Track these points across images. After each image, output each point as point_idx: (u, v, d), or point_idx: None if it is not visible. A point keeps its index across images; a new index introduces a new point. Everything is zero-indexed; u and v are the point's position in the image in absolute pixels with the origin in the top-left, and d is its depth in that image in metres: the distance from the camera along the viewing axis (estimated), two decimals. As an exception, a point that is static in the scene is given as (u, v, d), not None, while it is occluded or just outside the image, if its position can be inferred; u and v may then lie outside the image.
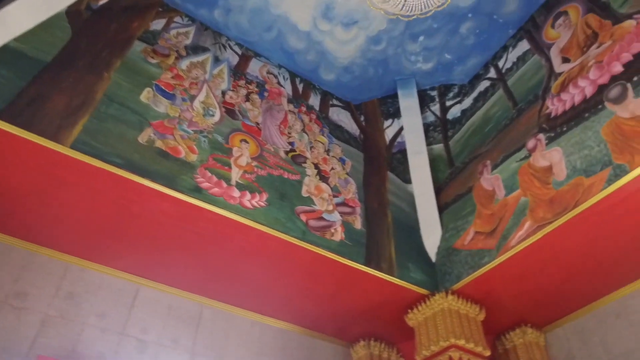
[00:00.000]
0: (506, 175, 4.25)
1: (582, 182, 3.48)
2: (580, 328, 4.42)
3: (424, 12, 4.29)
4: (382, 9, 4.20)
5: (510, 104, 4.67)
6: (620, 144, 3.33)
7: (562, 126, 3.89)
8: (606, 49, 3.82)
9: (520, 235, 3.80)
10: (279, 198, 3.99)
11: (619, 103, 3.48)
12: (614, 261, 3.89)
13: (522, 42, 4.87)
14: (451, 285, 4.27)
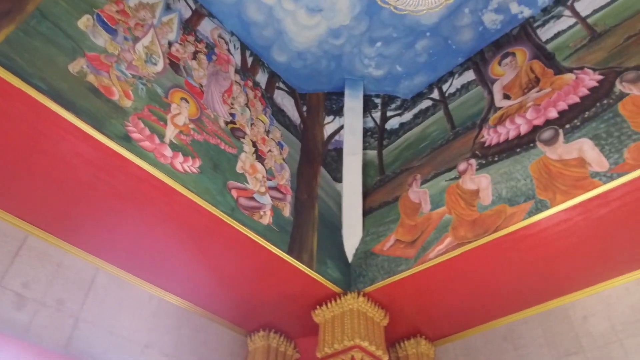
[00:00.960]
0: (434, 191, 4.42)
1: (505, 210, 3.72)
2: (469, 346, 4.73)
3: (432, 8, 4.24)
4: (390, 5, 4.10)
5: (448, 126, 4.89)
6: (545, 181, 3.62)
7: (494, 156, 4.15)
8: (545, 95, 4.16)
9: (440, 249, 3.96)
10: (213, 168, 3.73)
11: (550, 145, 3.79)
12: (512, 288, 4.22)
13: (468, 72, 5.13)
14: (364, 287, 4.33)
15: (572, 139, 3.68)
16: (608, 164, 3.34)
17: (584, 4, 4.45)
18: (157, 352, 4.11)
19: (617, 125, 3.47)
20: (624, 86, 3.64)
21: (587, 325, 4.12)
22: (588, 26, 4.29)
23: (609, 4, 4.23)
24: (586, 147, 3.55)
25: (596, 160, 3.42)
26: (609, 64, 3.87)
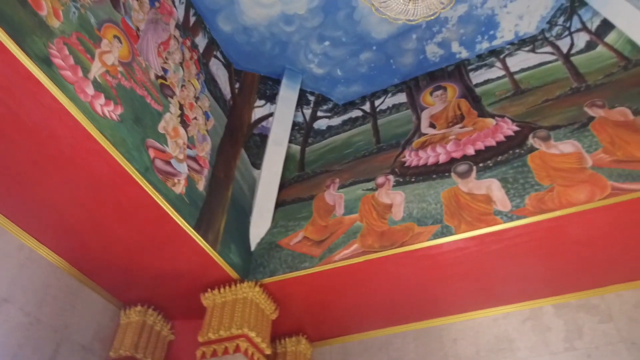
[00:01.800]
0: (350, 197, 4.52)
1: (413, 228, 3.93)
2: (346, 351, 4.88)
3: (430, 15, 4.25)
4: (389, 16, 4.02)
5: (374, 139, 5.06)
6: (453, 209, 3.90)
7: (412, 177, 4.37)
8: (466, 132, 4.50)
9: (346, 253, 4.04)
10: (134, 120, 3.39)
11: (463, 178, 4.10)
12: (398, 301, 4.46)
13: (401, 94, 5.37)
14: (262, 277, 4.25)
15: (483, 177, 4.02)
16: (510, 205, 3.70)
17: (514, 60, 4.93)
18: (16, 309, 3.60)
19: (524, 174, 3.87)
20: (535, 141, 4.08)
21: (457, 347, 4.50)
22: (514, 81, 4.76)
23: (536, 67, 4.74)
24: (494, 186, 3.91)
25: (501, 200, 3.78)
26: (526, 119, 4.31)
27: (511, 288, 4.28)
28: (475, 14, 4.88)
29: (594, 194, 3.50)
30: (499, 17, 4.90)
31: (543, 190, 3.69)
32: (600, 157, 3.71)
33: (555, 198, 3.61)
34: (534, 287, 4.28)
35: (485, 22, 4.94)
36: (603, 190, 3.49)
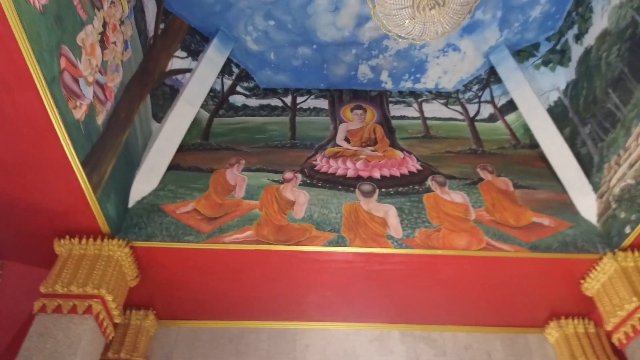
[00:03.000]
0: (253, 183, 4.36)
1: (311, 230, 3.96)
2: (194, 336, 4.62)
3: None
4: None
5: (289, 134, 5.01)
6: (352, 223, 4.04)
7: (319, 181, 4.42)
8: (377, 157, 4.74)
9: (238, 237, 3.88)
10: (56, 18, 2.79)
11: (365, 197, 4.28)
12: (264, 298, 4.40)
13: (324, 100, 5.43)
14: (136, 239, 3.82)
15: (383, 201, 4.26)
16: (402, 234, 3.98)
17: (429, 107, 5.38)
18: None
19: (418, 209, 4.21)
20: (432, 184, 4.47)
21: (307, 352, 4.60)
22: (426, 125, 5.19)
23: (446, 120, 5.25)
24: (391, 213, 4.16)
25: (395, 227, 4.03)
26: (429, 162, 4.72)
27: (371, 308, 4.57)
28: (412, 54, 5.21)
29: (472, 243, 3.97)
30: (429, 64, 5.31)
31: (432, 229, 4.06)
32: (482, 214, 4.23)
33: (441, 238, 3.99)
34: (390, 312, 4.64)
35: (417, 64, 5.31)
36: (479, 243, 3.97)
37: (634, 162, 3.76)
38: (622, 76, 4.00)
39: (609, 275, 3.89)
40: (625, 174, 3.86)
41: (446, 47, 5.15)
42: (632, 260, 3.79)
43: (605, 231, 4.05)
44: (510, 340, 4.87)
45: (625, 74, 3.95)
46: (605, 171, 4.11)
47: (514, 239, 4.03)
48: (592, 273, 4.03)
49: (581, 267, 4.07)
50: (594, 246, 3.99)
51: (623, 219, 3.84)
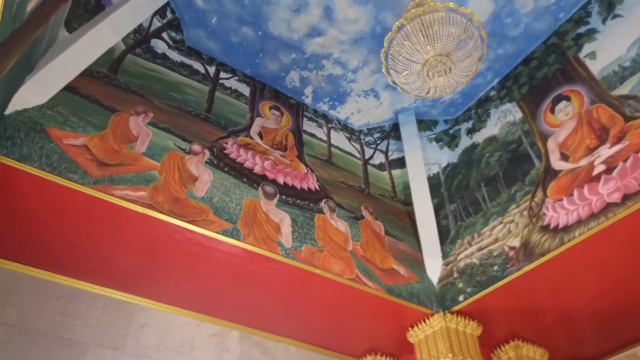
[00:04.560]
0: (158, 142, 3.98)
1: (208, 213, 3.79)
2: (15, 281, 3.88)
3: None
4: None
5: (205, 105, 4.72)
6: (249, 219, 4.00)
7: (226, 166, 4.27)
8: (284, 163, 4.79)
9: (129, 194, 3.49)
10: None
11: (267, 198, 4.30)
12: (119, 263, 3.99)
13: (246, 87, 5.28)
14: (4, 154, 3.11)
15: (281, 208, 4.33)
16: (291, 244, 4.10)
17: (336, 136, 5.69)
18: None
19: (309, 227, 4.40)
20: (325, 207, 4.72)
21: (142, 331, 4.28)
22: (330, 151, 5.47)
23: (346, 153, 5.61)
24: (286, 221, 4.26)
25: (286, 235, 4.13)
26: (326, 185, 4.97)
27: (223, 304, 4.50)
28: (340, 83, 5.49)
29: (345, 272, 4.29)
30: (349, 98, 5.66)
31: (316, 248, 4.27)
32: (357, 248, 4.62)
33: (321, 259, 4.22)
34: (239, 313, 4.65)
35: (340, 94, 5.59)
36: (350, 273, 4.33)
37: (483, 248, 4.62)
38: (496, 177, 4.91)
39: (434, 330, 4.63)
40: (473, 253, 4.70)
41: (370, 91, 5.57)
42: (456, 324, 4.59)
43: (442, 293, 4.82)
44: (330, 364, 5.33)
45: (499, 177, 4.87)
46: (457, 245, 4.93)
47: (376, 278, 4.51)
48: (421, 324, 4.74)
49: (415, 317, 4.74)
50: (430, 303, 4.71)
51: (460, 288, 4.64)
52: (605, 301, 4.59)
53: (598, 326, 4.95)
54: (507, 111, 5.18)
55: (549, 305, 4.66)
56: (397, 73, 2.77)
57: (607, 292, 4.45)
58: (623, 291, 4.45)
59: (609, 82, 4.18)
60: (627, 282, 4.29)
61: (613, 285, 4.36)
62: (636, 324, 4.77)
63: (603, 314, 4.77)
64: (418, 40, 2.50)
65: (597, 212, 3.73)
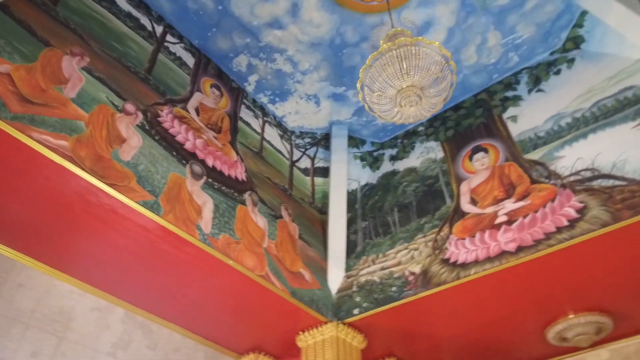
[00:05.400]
0: (89, 90, 3.61)
1: (131, 180, 3.53)
2: None
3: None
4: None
5: (146, 65, 4.38)
6: (172, 196, 3.80)
7: (157, 135, 4.01)
8: (215, 145, 4.63)
9: (50, 140, 3.12)
10: None
11: (193, 177, 4.12)
12: (21, 217, 3.54)
13: (191, 57, 5.01)
14: None
15: (206, 191, 4.17)
16: (210, 230, 3.97)
17: (269, 131, 5.65)
18: None
19: (231, 216, 4.31)
20: (247, 199, 4.66)
21: (17, 292, 3.86)
22: (262, 145, 5.41)
23: (275, 150, 5.58)
24: (209, 205, 4.12)
25: (206, 220, 4.00)
26: (252, 178, 4.91)
27: (115, 278, 4.21)
28: (287, 80, 5.47)
29: (256, 267, 4.27)
30: (291, 98, 5.66)
31: (233, 238, 4.19)
32: (271, 246, 4.63)
33: (236, 251, 4.15)
34: (130, 291, 4.37)
35: (283, 91, 5.57)
36: (261, 270, 4.31)
37: (385, 268, 4.91)
38: (409, 205, 5.27)
39: (325, 338, 4.79)
40: (375, 271, 4.97)
41: (312, 96, 5.64)
42: (346, 335, 4.80)
43: (338, 304, 5.01)
44: (212, 356, 5.22)
45: (412, 206, 5.23)
46: (362, 261, 5.17)
47: (284, 279, 4.55)
48: (313, 330, 4.87)
49: (309, 322, 4.87)
50: (326, 311, 4.87)
51: (357, 302, 4.87)
52: (474, 336, 5.16)
53: (461, 357, 5.53)
54: (430, 148, 5.60)
55: (428, 332, 5.10)
56: (371, 92, 2.87)
57: (478, 328, 5.01)
58: (493, 329, 5.05)
59: (523, 145, 4.75)
60: (500, 322, 4.88)
61: (486, 323, 4.92)
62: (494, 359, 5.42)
63: (468, 346, 5.36)
64: (401, 67, 2.63)
65: (492, 257, 4.20)
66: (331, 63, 5.30)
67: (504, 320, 4.90)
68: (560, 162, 4.37)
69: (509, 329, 5.11)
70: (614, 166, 3.99)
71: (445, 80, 2.80)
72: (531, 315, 4.92)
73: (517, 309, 4.76)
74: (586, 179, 4.11)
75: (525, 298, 4.58)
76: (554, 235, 3.97)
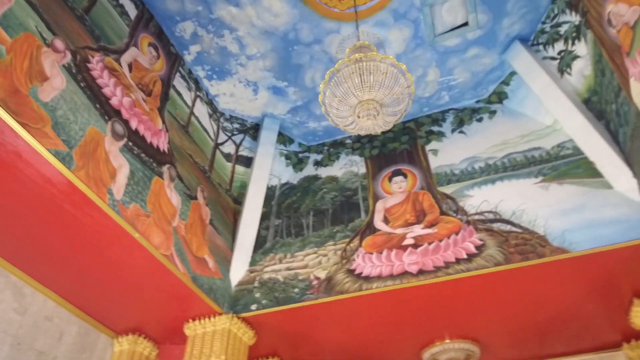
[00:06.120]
0: (18, 15, 3.12)
1: (46, 124, 3.14)
2: None
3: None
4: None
5: (85, 4, 3.91)
6: (88, 152, 3.45)
7: (83, 81, 3.61)
8: (142, 109, 4.29)
9: (-43, 57, 2.63)
10: None
11: (114, 137, 3.78)
12: None
13: (135, 11, 4.60)
14: None
15: (124, 154, 3.85)
16: (122, 196, 3.66)
17: (199, 107, 5.38)
18: None
19: (146, 187, 4.03)
20: (166, 172, 4.38)
21: None
22: (190, 120, 5.12)
23: (203, 128, 5.33)
24: (124, 170, 3.81)
25: (119, 185, 3.69)
26: (174, 151, 4.62)
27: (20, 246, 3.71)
28: (230, 59, 5.22)
29: (162, 246, 4.03)
30: (229, 79, 5.38)
31: (144, 211, 3.91)
32: (181, 226, 4.40)
33: (145, 225, 3.88)
34: (11, 245, 3.86)
35: (223, 69, 5.31)
36: (167, 249, 4.08)
37: (291, 269, 4.93)
38: (325, 212, 5.36)
39: (216, 329, 4.66)
40: (280, 270, 4.97)
41: (252, 83, 5.49)
42: (238, 329, 4.71)
43: (236, 297, 4.91)
44: (85, 331, 4.80)
45: (328, 213, 5.33)
46: (268, 258, 5.14)
47: (187, 263, 4.34)
48: (204, 320, 4.72)
49: (203, 311, 4.70)
50: (223, 303, 4.74)
51: (256, 297, 4.82)
52: (357, 346, 5.40)
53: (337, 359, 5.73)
54: (354, 162, 5.77)
55: (316, 337, 5.22)
56: (333, 95, 2.87)
57: (363, 340, 5.26)
58: (375, 343, 5.33)
59: (439, 178, 5.11)
60: (383, 337, 5.17)
61: (372, 336, 5.19)
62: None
63: (350, 356, 5.58)
64: (368, 80, 2.67)
65: (395, 275, 4.44)
66: (279, 55, 5.22)
67: (387, 336, 5.20)
68: (469, 201, 4.78)
69: (391, 345, 5.43)
70: (513, 214, 4.46)
71: (403, 102, 2.92)
72: (413, 335, 5.29)
73: (402, 327, 5.09)
74: (488, 220, 4.54)
75: (412, 318, 4.92)
76: (452, 265, 4.32)
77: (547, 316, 4.90)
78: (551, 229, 4.20)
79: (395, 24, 4.97)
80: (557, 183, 4.52)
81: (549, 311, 4.81)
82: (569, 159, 4.63)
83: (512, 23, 4.95)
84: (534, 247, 4.15)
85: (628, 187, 4.09)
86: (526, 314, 4.87)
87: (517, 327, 5.10)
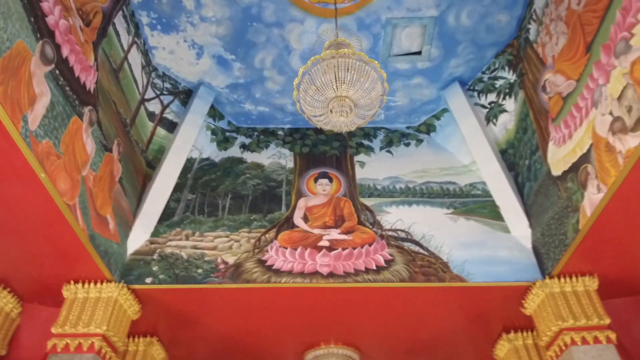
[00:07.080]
0: None
1: None
2: None
3: None
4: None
5: None
6: (11, 67, 2.95)
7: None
8: (82, 46, 3.77)
9: None
10: None
11: (42, 60, 3.25)
12: None
13: None
14: None
15: (48, 82, 3.33)
16: (35, 128, 3.17)
17: (134, 56, 4.89)
18: None
19: (63, 124, 3.56)
20: (86, 114, 3.89)
21: None
22: (122, 65, 4.61)
23: (132, 79, 4.84)
24: (45, 100, 3.30)
25: (36, 115, 3.19)
26: (100, 94, 4.12)
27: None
28: (181, 15, 4.82)
29: (67, 193, 3.57)
30: (175, 35, 4.99)
31: (56, 150, 3.42)
32: (89, 177, 3.95)
33: (54, 165, 3.40)
34: None
35: (171, 23, 4.88)
36: (71, 199, 3.62)
37: (198, 248, 4.69)
38: (245, 197, 5.22)
39: (101, 296, 4.24)
40: (185, 247, 4.71)
41: (197, 46, 5.12)
42: (125, 300, 4.34)
43: (129, 266, 4.52)
44: None
45: (248, 200, 5.19)
46: (174, 232, 4.84)
47: (88, 218, 3.89)
48: (90, 285, 4.27)
49: (91, 275, 4.25)
50: (114, 269, 4.34)
51: (153, 271, 4.50)
52: (241, 339, 5.31)
53: (216, 353, 5.57)
54: (283, 155, 5.71)
55: (202, 322, 5.00)
56: (311, 85, 2.78)
57: (250, 332, 5.19)
58: (260, 337, 5.28)
59: (362, 189, 5.28)
60: (271, 332, 5.15)
61: (259, 330, 5.13)
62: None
63: (229, 346, 5.45)
64: (351, 77, 2.65)
65: (306, 273, 4.46)
66: (235, 27, 4.97)
67: (276, 332, 5.19)
68: (385, 217, 5.01)
69: (275, 341, 5.42)
70: (423, 237, 4.78)
71: (373, 109, 2.97)
72: (299, 335, 5.35)
73: (292, 325, 5.11)
74: (400, 238, 4.80)
75: (305, 317, 4.97)
76: (361, 274, 4.48)
77: (425, 337, 5.30)
78: (454, 257, 4.58)
79: (357, 32, 5.05)
80: (465, 218, 4.96)
81: (428, 333, 5.22)
82: (478, 199, 5.10)
83: (458, 65, 5.35)
84: (436, 271, 4.49)
85: (523, 234, 4.64)
86: (408, 331, 5.22)
87: (396, 342, 5.44)
